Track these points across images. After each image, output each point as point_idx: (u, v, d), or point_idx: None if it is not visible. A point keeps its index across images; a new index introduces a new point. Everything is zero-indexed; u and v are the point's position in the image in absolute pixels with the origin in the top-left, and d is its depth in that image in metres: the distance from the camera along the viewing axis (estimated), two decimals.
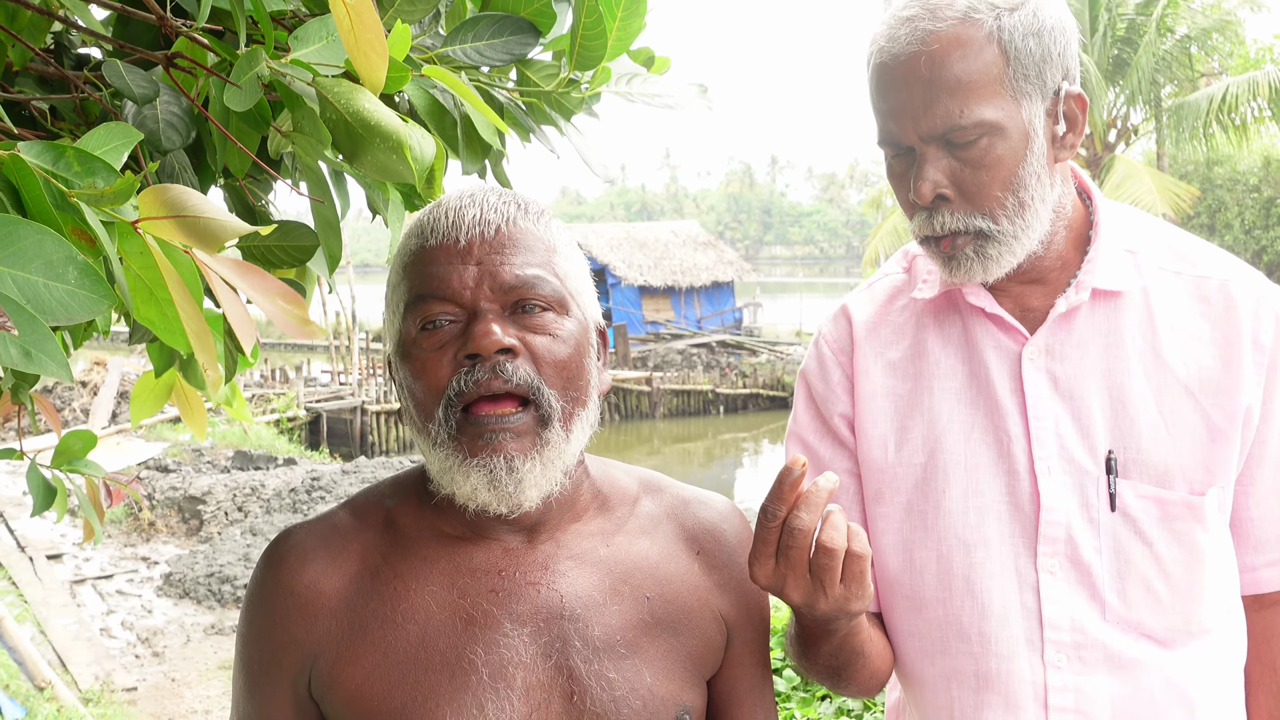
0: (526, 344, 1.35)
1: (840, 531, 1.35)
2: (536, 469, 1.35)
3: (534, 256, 1.38)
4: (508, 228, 1.37)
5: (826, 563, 1.34)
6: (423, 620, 1.40)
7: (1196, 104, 21.68)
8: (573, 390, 1.38)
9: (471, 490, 1.35)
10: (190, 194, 0.97)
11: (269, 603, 1.44)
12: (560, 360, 1.37)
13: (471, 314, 1.35)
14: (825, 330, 1.86)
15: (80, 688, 7.65)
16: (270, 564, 1.46)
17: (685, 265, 35.10)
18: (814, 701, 5.49)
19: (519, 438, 1.34)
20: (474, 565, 1.43)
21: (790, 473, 1.34)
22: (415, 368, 1.37)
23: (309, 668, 1.42)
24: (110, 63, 1.30)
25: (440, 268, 1.36)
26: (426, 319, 1.36)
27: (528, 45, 1.44)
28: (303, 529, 1.48)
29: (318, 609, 1.42)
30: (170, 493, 13.37)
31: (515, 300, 1.36)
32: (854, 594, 1.37)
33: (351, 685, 1.39)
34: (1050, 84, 1.58)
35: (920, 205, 1.62)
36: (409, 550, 1.45)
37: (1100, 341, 1.66)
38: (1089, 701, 1.63)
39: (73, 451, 2.03)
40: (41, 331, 0.77)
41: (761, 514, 1.36)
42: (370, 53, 1.15)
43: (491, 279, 1.35)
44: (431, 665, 1.38)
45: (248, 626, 1.46)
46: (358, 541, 1.46)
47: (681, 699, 1.45)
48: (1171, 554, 1.62)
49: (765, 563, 1.37)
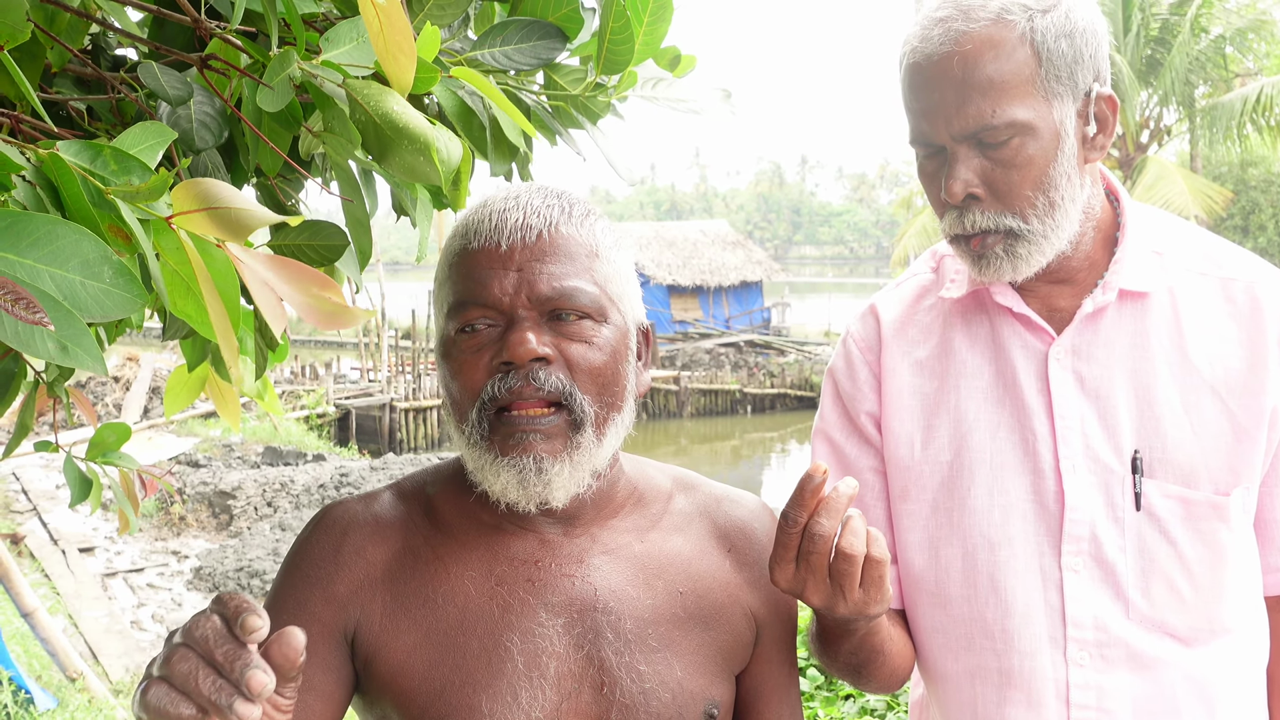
0: (562, 351, 1.38)
1: (860, 537, 1.37)
2: (565, 471, 1.38)
3: (574, 264, 1.40)
4: (550, 233, 1.40)
5: (846, 568, 1.36)
6: (462, 604, 1.42)
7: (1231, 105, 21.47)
8: (607, 396, 1.41)
9: (502, 488, 1.39)
10: (220, 186, 0.99)
11: (314, 557, 1.47)
12: (595, 368, 1.39)
13: (509, 320, 1.38)
14: (853, 329, 1.88)
15: (111, 679, 7.74)
16: (318, 527, 1.50)
17: (714, 265, 35.09)
18: (838, 701, 5.49)
19: (549, 439, 1.37)
20: (511, 554, 1.46)
21: (811, 479, 1.35)
22: (453, 368, 1.41)
23: (351, 632, 1.43)
24: (146, 64, 1.33)
25: (481, 272, 1.39)
26: (465, 322, 1.39)
27: (555, 50, 1.45)
28: (351, 501, 1.52)
29: (365, 574, 1.45)
30: (201, 487, 13.49)
31: (552, 309, 1.38)
32: (873, 598, 1.39)
33: (394, 660, 1.41)
34: (1081, 85, 1.59)
35: (951, 204, 1.64)
36: (449, 535, 1.48)
37: (1127, 342, 1.67)
38: (1111, 699, 1.64)
39: (107, 444, 2.07)
40: (78, 327, 0.80)
41: (782, 519, 1.38)
42: (399, 54, 1.17)
43: (530, 288, 1.37)
44: (470, 650, 1.40)
45: (287, 577, 1.48)
46: (401, 521, 1.50)
47: (710, 693, 1.47)
48: (1196, 553, 1.63)
49: (786, 567, 1.39)
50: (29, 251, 0.82)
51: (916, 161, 1.69)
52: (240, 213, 0.99)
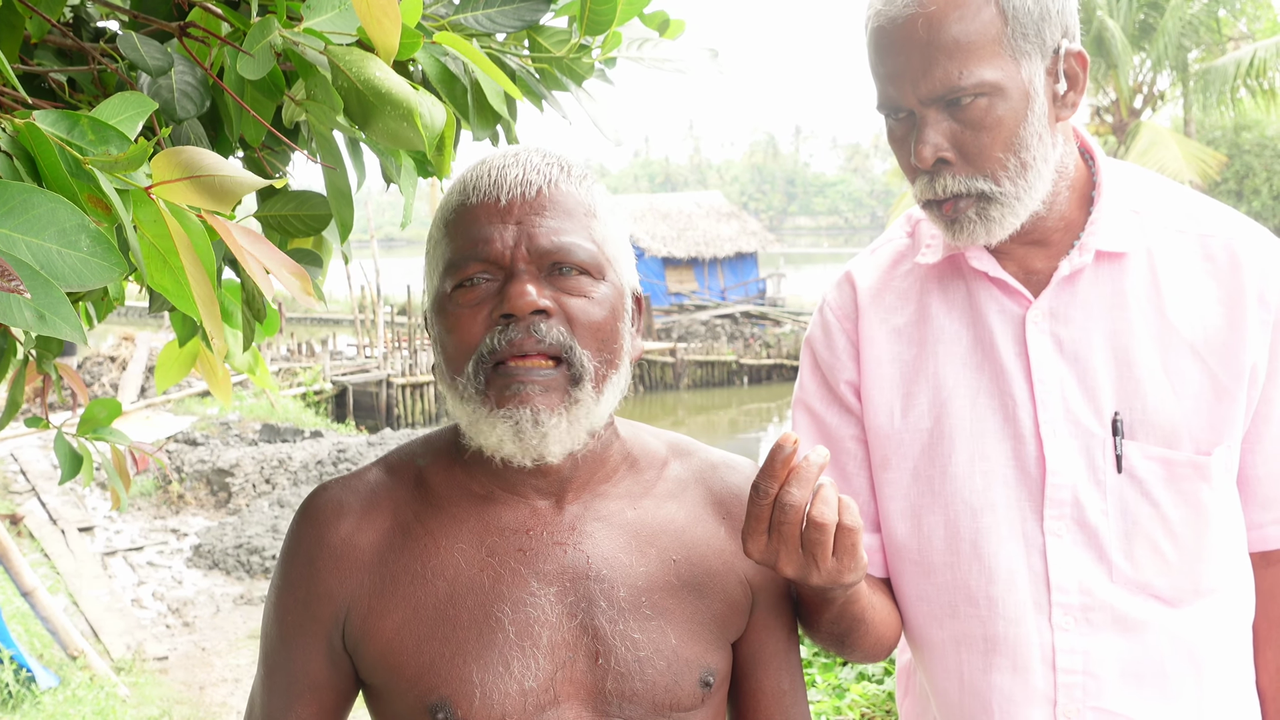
0: (561, 305, 1.37)
1: (831, 506, 1.35)
2: (563, 424, 1.37)
3: (572, 221, 1.39)
4: (549, 189, 1.39)
5: (818, 537, 1.35)
6: (451, 577, 1.42)
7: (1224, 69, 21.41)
8: (606, 352, 1.40)
9: (497, 441, 1.37)
10: (204, 154, 0.99)
11: (305, 554, 1.47)
12: (595, 322, 1.38)
13: (508, 274, 1.37)
14: (830, 297, 1.86)
15: (112, 657, 7.76)
16: (306, 517, 1.49)
17: (709, 236, 34.99)
18: (835, 667, 5.51)
19: (547, 392, 1.36)
20: (502, 524, 1.45)
21: (782, 449, 1.34)
22: (449, 322, 1.39)
23: (342, 620, 1.45)
24: (125, 35, 1.31)
25: (481, 227, 1.38)
26: (464, 277, 1.38)
27: (539, 11, 1.44)
28: (337, 484, 1.51)
29: (352, 562, 1.45)
30: (199, 466, 13.48)
31: (552, 263, 1.37)
32: (846, 566, 1.38)
33: (383, 639, 1.42)
34: (1050, 42, 1.58)
35: (921, 169, 1.62)
36: (439, 508, 1.47)
37: (1105, 303, 1.66)
38: (1097, 663, 1.64)
39: (98, 420, 2.06)
40: (55, 295, 0.79)
41: (753, 490, 1.36)
42: (383, 19, 1.15)
43: (529, 240, 1.36)
44: (460, 622, 1.40)
45: (283, 578, 1.49)
46: (390, 498, 1.49)
47: (706, 661, 1.46)
48: (1178, 514, 1.63)
49: (758, 538, 1.38)
50: (4, 220, 0.81)
51: (886, 127, 1.67)
52: (224, 179, 0.98)
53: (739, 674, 1.57)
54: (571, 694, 1.40)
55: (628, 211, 34.55)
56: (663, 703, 1.42)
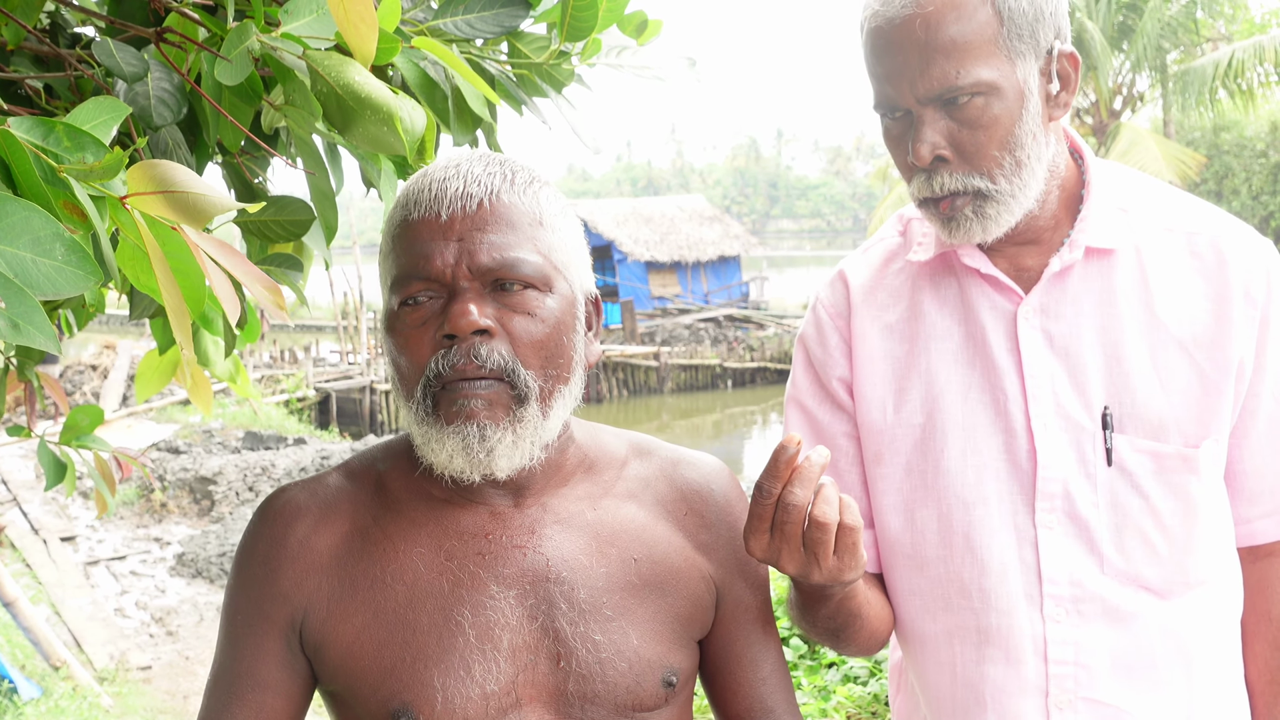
0: (504, 324, 1.36)
1: (833, 506, 1.37)
2: (508, 440, 1.36)
3: (516, 234, 1.37)
4: (491, 201, 1.37)
5: (820, 536, 1.37)
6: (410, 581, 1.42)
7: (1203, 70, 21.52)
8: (551, 369, 1.39)
9: (447, 457, 1.37)
10: (179, 170, 0.98)
11: (260, 554, 1.46)
12: (538, 340, 1.37)
13: (451, 292, 1.36)
14: (822, 295, 1.88)
15: (95, 667, 7.72)
16: (264, 519, 1.48)
17: (691, 240, 35.02)
18: (821, 669, 5.52)
19: (491, 406, 1.35)
20: (461, 528, 1.45)
21: (785, 450, 1.36)
22: (399, 342, 1.39)
23: (299, 623, 1.44)
24: (101, 41, 1.31)
25: (422, 245, 1.37)
26: (408, 295, 1.38)
27: (518, 17, 1.44)
28: (296, 487, 1.50)
29: (308, 563, 1.44)
30: (181, 474, 13.42)
31: (494, 280, 1.36)
32: (847, 565, 1.40)
33: (343, 643, 1.41)
34: (1043, 43, 1.60)
35: (919, 167, 1.64)
36: (398, 512, 1.47)
37: (1094, 299, 1.68)
38: (1088, 654, 1.65)
39: (80, 427, 2.05)
40: (29, 304, 0.78)
41: (756, 490, 1.38)
42: (360, 24, 1.15)
43: (470, 258, 1.35)
44: (419, 626, 1.40)
45: (237, 578, 1.48)
46: (349, 502, 1.48)
47: (668, 661, 1.46)
48: (1168, 506, 1.64)
49: (760, 537, 1.40)
50: None
51: (882, 126, 1.69)
52: (198, 198, 0.97)
53: (714, 669, 1.57)
54: (533, 697, 1.40)
55: (610, 215, 34.56)
56: (625, 704, 1.42)
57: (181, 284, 0.96)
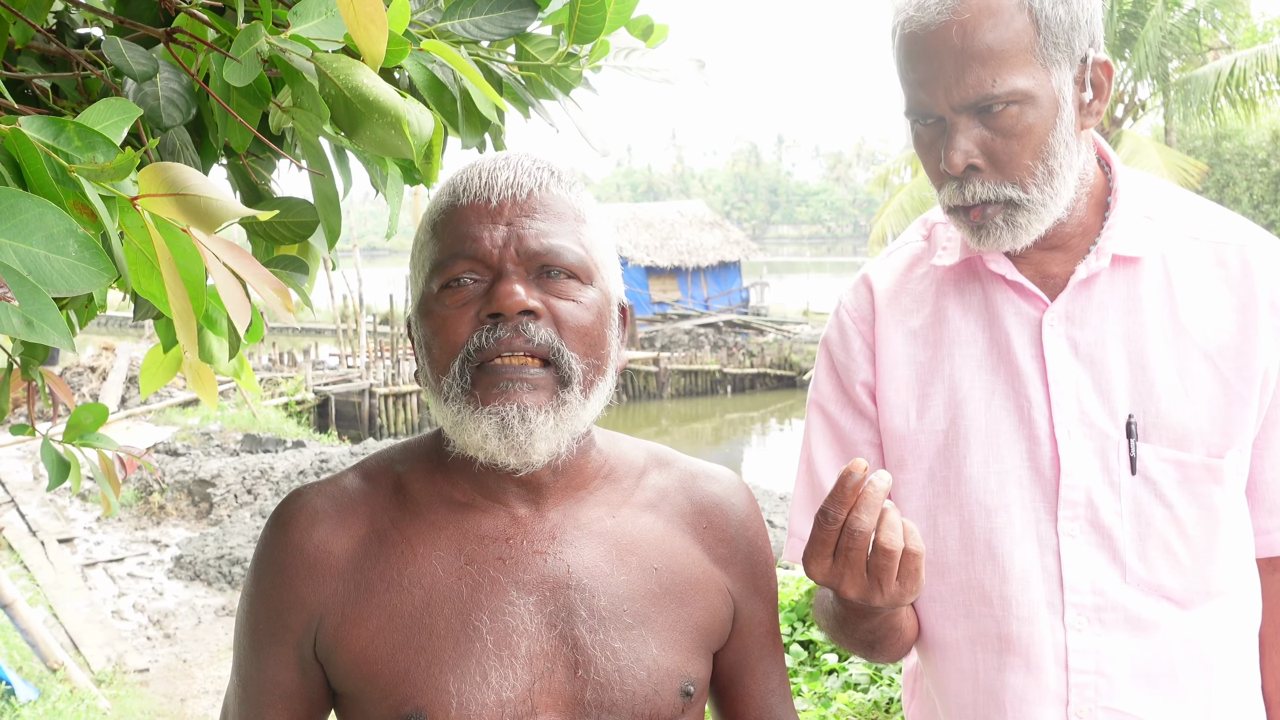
0: (550, 307, 1.36)
1: (898, 532, 1.37)
2: (549, 424, 1.34)
3: (562, 224, 1.38)
4: (540, 192, 1.38)
5: (885, 563, 1.37)
6: (429, 585, 1.40)
7: (1204, 78, 21.52)
8: (593, 357, 1.39)
9: (482, 439, 1.34)
10: (190, 173, 0.98)
11: (277, 561, 1.44)
12: (583, 326, 1.37)
13: (497, 274, 1.35)
14: (846, 299, 1.87)
15: (93, 669, 7.70)
16: (279, 523, 1.46)
17: (692, 245, 35.03)
18: (821, 676, 5.52)
19: (535, 390, 1.34)
20: (481, 532, 1.43)
21: (851, 476, 1.35)
22: (435, 324, 1.37)
23: (314, 628, 1.42)
24: (110, 40, 1.31)
25: (470, 226, 1.36)
26: (451, 276, 1.37)
27: (526, 19, 1.44)
28: (312, 490, 1.48)
29: (325, 569, 1.42)
30: (180, 476, 13.41)
31: (540, 265, 1.36)
32: (908, 590, 1.40)
33: (356, 647, 1.39)
34: (1078, 51, 1.59)
35: (950, 175, 1.63)
36: (417, 515, 1.45)
37: (1120, 307, 1.67)
38: (1109, 663, 1.65)
39: (84, 426, 2.04)
40: (43, 301, 0.78)
41: (820, 516, 1.37)
42: (369, 26, 1.15)
43: (519, 242, 1.35)
44: (436, 631, 1.38)
45: (255, 585, 1.47)
46: (366, 504, 1.46)
47: (686, 670, 1.45)
48: (1191, 516, 1.64)
49: (823, 562, 1.39)
50: None
51: (912, 132, 1.68)
52: (209, 201, 0.97)
53: (725, 681, 1.57)
54: (550, 705, 1.38)
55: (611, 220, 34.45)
56: (642, 713, 1.41)
57: (187, 287, 0.96)
